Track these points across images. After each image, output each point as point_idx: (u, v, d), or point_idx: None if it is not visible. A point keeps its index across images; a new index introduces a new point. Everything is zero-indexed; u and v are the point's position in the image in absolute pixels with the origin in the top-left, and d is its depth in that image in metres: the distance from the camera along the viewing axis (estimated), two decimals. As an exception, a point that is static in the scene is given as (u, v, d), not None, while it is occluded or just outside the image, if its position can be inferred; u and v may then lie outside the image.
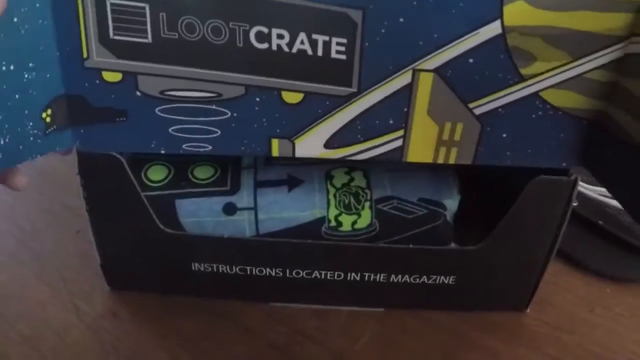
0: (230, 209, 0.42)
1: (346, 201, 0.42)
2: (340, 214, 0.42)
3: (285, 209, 0.42)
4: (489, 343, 0.44)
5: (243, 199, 0.42)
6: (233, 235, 0.42)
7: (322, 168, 0.43)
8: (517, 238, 0.42)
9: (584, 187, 0.58)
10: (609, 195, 0.57)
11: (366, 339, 0.44)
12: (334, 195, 0.42)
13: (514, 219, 0.41)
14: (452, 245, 0.44)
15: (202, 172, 0.42)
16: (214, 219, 0.42)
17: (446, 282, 0.44)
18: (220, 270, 0.43)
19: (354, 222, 0.42)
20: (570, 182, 0.40)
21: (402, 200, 0.42)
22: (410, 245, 0.41)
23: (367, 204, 0.42)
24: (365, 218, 0.42)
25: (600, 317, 0.47)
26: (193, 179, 0.42)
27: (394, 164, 0.44)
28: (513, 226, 0.41)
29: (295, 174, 0.43)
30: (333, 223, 0.42)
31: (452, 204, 0.43)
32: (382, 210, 0.42)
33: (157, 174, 0.42)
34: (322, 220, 0.42)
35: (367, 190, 0.42)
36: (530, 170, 0.39)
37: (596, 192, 0.57)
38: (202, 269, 0.43)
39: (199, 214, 0.42)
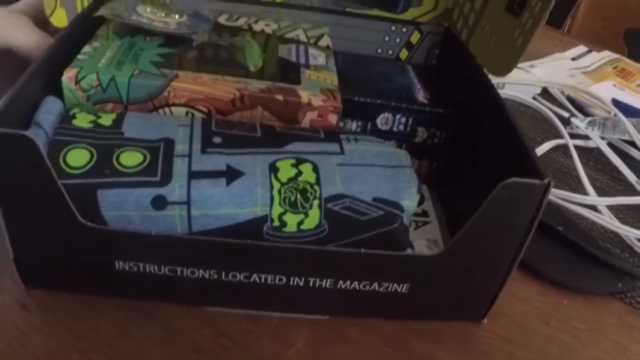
0: (159, 203, 0.35)
1: (292, 198, 0.35)
2: (284, 213, 0.35)
3: (222, 205, 0.35)
4: (435, 355, 0.38)
5: (175, 191, 0.35)
6: (162, 233, 0.35)
7: (267, 158, 0.37)
8: (480, 245, 0.37)
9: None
10: (570, 199, 0.52)
11: (300, 345, 0.38)
12: (279, 191, 0.35)
13: (478, 224, 0.35)
14: (408, 250, 0.38)
15: (129, 159, 0.35)
16: (141, 214, 0.35)
17: (399, 290, 0.38)
18: (147, 271, 0.36)
19: (300, 223, 0.35)
20: (543, 186, 0.34)
21: (355, 200, 0.36)
22: (362, 250, 0.36)
23: (316, 202, 0.36)
24: (313, 218, 0.36)
25: (555, 330, 0.42)
26: (118, 166, 0.35)
27: (346, 157, 0.38)
28: (477, 232, 0.36)
29: (235, 164, 0.36)
30: (276, 223, 0.35)
31: (410, 205, 0.37)
32: (332, 210, 0.36)
33: (77, 158, 0.35)
34: (264, 219, 0.35)
35: (316, 187, 0.36)
36: (501, 171, 0.33)
37: (556, 195, 0.52)
38: (127, 268, 0.36)
39: (124, 207, 0.35)
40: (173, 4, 0.48)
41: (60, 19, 0.45)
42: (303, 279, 0.37)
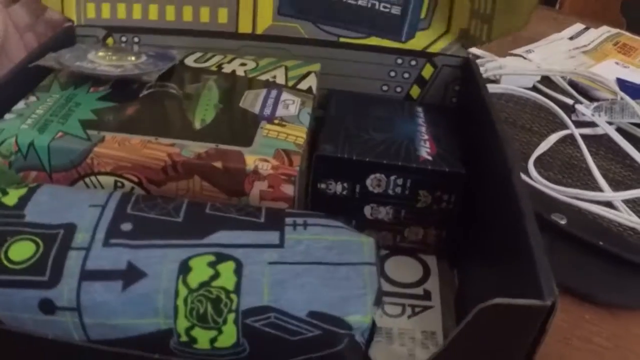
0: (47, 307, 0.27)
1: (201, 310, 0.26)
2: (192, 327, 0.26)
3: (116, 315, 0.27)
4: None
5: (63, 295, 0.27)
6: (59, 338, 0.27)
7: (181, 253, 0.28)
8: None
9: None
10: (583, 197, 0.46)
11: None
12: (185, 300, 0.26)
13: (454, 351, 0.25)
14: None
15: (19, 252, 0.28)
16: (32, 317, 0.27)
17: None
18: (57, 374, 0.29)
19: (214, 340, 0.26)
20: (543, 309, 0.23)
21: (283, 314, 0.26)
22: (297, 376, 0.26)
23: (231, 316, 0.26)
24: (229, 336, 0.26)
25: (578, 350, 0.37)
26: (5, 261, 0.28)
27: (285, 252, 0.28)
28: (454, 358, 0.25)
29: (139, 262, 0.27)
30: (184, 338, 0.26)
31: (361, 320, 0.26)
32: (253, 327, 0.26)
33: (-36, 249, 0.28)
34: (168, 332, 0.26)
35: (233, 296, 0.26)
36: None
37: (568, 194, 0.45)
38: (35, 368, 0.29)
39: (13, 308, 0.27)
40: (135, 46, 0.40)
41: None
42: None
